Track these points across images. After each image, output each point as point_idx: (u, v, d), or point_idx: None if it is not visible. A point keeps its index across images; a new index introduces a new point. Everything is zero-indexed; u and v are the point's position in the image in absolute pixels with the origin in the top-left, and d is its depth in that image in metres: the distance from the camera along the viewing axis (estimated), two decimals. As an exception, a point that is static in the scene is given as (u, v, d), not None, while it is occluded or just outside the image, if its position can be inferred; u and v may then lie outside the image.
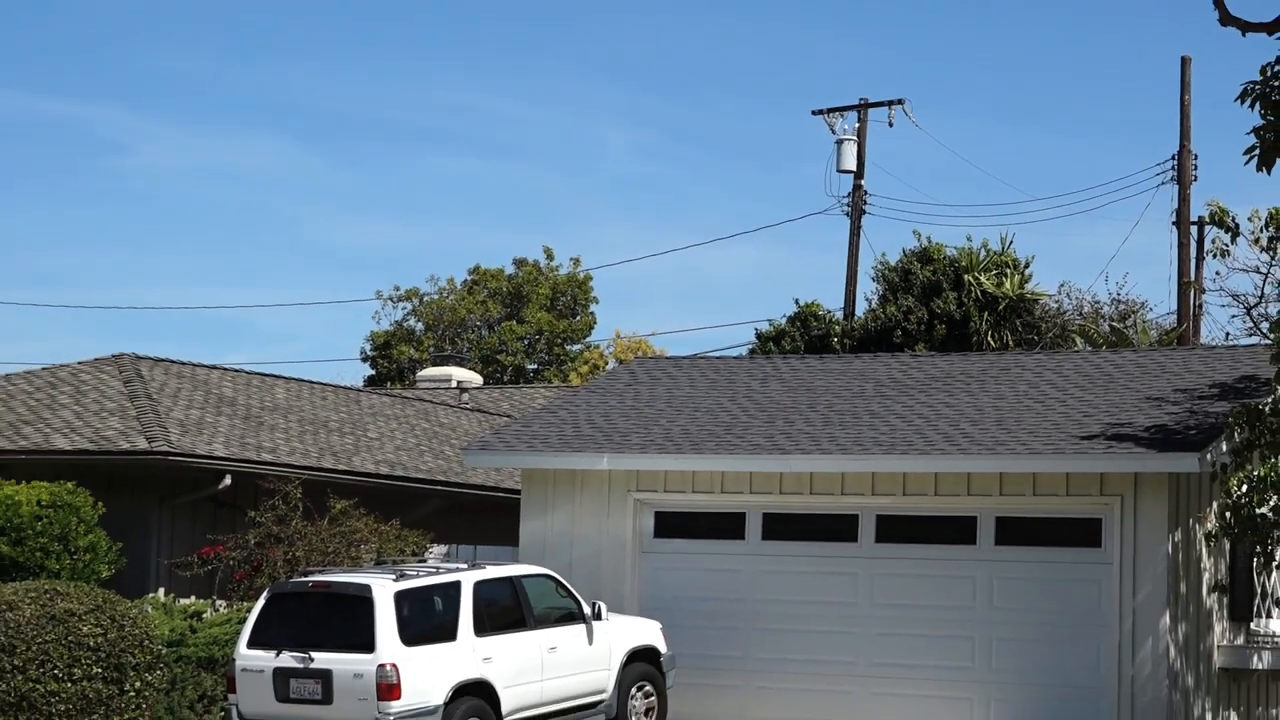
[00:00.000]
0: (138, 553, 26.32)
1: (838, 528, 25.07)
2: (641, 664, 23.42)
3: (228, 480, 27.39)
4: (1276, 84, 15.84)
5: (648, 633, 23.78)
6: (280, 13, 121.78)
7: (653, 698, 23.60)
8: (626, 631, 23.42)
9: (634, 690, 23.27)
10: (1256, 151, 15.90)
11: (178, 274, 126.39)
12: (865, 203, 50.25)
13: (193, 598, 25.65)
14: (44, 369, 32.49)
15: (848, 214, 50.11)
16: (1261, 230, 27.27)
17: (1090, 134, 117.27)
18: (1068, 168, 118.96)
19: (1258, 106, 15.85)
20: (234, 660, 21.02)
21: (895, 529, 24.78)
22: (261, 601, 21.44)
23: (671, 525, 26.13)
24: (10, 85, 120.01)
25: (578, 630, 22.60)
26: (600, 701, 22.81)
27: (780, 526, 25.46)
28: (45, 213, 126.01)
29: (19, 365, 44.40)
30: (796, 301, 47.26)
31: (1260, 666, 24.35)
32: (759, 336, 47.36)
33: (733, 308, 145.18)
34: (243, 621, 21.74)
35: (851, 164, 49.98)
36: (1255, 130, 15.88)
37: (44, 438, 27.82)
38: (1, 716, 20.30)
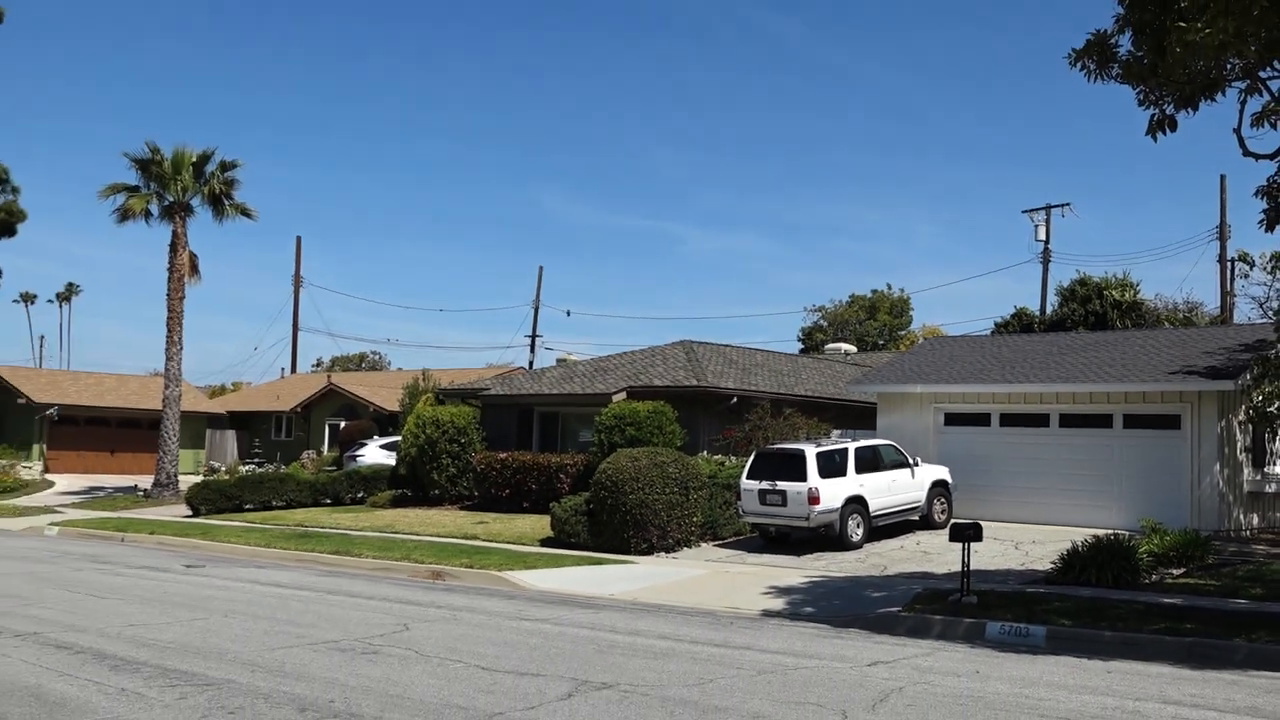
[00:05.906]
0: (693, 434, 26.90)
1: (1039, 420, 24.06)
2: (938, 488, 22.93)
3: (734, 399, 27.78)
4: (1276, 185, 14.52)
5: (942, 472, 23.23)
6: (763, 163, 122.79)
7: (945, 504, 23.06)
8: (930, 472, 22.93)
9: (934, 501, 22.79)
10: (1264, 220, 14.60)
11: (707, 303, 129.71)
12: (1050, 256, 48.15)
13: (719, 455, 26.09)
14: (647, 348, 33.36)
15: (1041, 262, 47.97)
16: (1269, 263, 25.38)
17: (1171, 212, 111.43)
18: (1159, 232, 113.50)
19: (1264, 198, 14.57)
20: (740, 484, 21.38)
21: (1070, 421, 23.68)
22: (752, 457, 21.72)
23: (953, 420, 25.43)
24: (619, 214, 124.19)
25: (906, 471, 22.25)
26: (918, 507, 22.43)
27: (1009, 420, 24.56)
28: (635, 280, 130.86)
29: (632, 346, 45.68)
30: (1014, 306, 46.19)
31: (1270, 491, 22.84)
32: (996, 325, 45.72)
33: (983, 310, 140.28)
34: (744, 467, 22.03)
35: (1042, 236, 47.99)
36: (1264, 210, 14.60)
37: (649, 380, 28.63)
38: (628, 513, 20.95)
